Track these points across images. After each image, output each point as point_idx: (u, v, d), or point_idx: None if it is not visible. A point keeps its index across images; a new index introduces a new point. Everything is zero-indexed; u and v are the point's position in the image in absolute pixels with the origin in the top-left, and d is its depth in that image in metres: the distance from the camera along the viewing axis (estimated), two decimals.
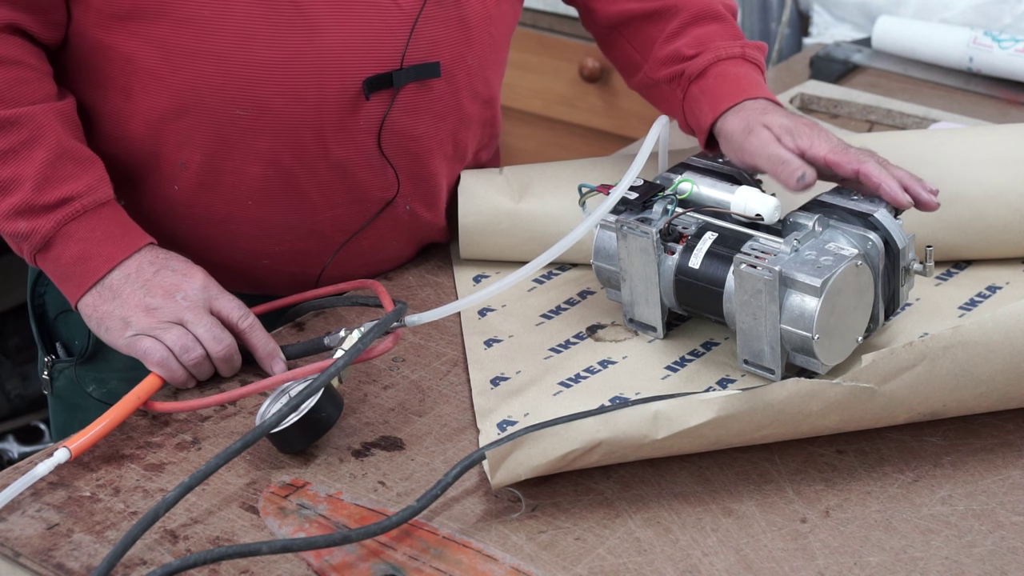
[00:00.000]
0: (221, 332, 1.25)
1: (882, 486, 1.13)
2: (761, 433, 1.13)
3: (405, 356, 1.30)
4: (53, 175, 1.25)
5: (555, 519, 1.10)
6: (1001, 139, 1.47)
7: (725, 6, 1.43)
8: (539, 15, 1.52)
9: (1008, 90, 1.88)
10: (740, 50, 1.38)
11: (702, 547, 1.06)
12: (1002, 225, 1.39)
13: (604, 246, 1.30)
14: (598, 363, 1.28)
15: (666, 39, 1.40)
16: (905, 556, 1.05)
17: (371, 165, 1.35)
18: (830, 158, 1.25)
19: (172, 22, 1.26)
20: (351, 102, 1.31)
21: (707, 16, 1.40)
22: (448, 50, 1.35)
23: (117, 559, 1.03)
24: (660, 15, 1.42)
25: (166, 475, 1.15)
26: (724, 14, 1.42)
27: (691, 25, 1.40)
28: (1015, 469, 1.15)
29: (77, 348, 1.42)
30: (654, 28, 1.42)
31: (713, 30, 1.39)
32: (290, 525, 1.09)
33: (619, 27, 1.46)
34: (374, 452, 1.18)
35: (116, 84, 1.30)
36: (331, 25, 1.28)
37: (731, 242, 1.23)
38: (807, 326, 1.17)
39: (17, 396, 2.61)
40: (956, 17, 1.98)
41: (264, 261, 1.37)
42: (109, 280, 1.26)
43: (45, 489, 1.13)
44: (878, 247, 1.22)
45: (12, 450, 2.47)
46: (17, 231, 1.25)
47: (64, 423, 1.44)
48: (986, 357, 1.13)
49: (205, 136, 1.30)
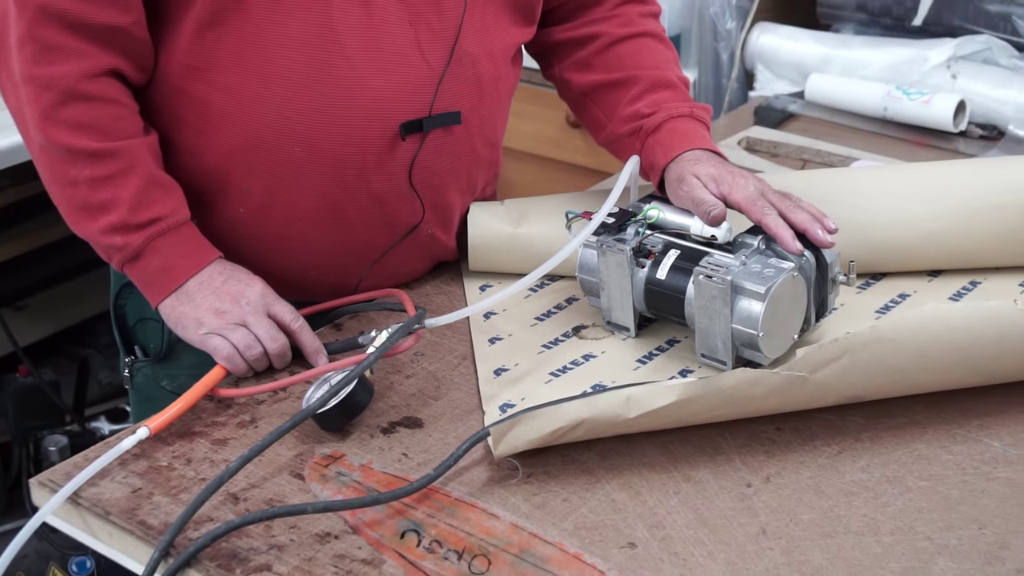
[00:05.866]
0: (277, 332, 1.25)
1: (813, 457, 1.13)
2: (714, 413, 1.13)
3: (424, 351, 1.30)
4: (144, 199, 1.25)
5: (546, 484, 1.09)
6: (910, 174, 1.47)
7: (678, 78, 1.42)
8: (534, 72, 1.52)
9: (916, 134, 1.88)
10: (689, 110, 1.38)
11: (666, 507, 1.06)
12: (910, 245, 1.39)
13: (587, 262, 1.30)
14: (581, 357, 1.28)
15: (628, 102, 1.40)
16: (831, 514, 1.05)
17: (402, 196, 1.35)
18: (743, 205, 1.25)
19: (241, 72, 1.26)
20: (389, 143, 1.31)
21: (662, 84, 1.40)
22: (466, 102, 1.35)
23: (189, 517, 1.03)
24: (623, 84, 1.41)
25: (229, 448, 1.15)
26: (677, 83, 1.41)
27: (649, 91, 1.40)
28: (921, 443, 1.14)
29: (153, 350, 1.42)
30: (618, 94, 1.42)
31: (667, 95, 1.39)
32: (330, 489, 1.09)
33: (589, 94, 1.45)
34: (398, 430, 1.18)
35: (191, 123, 1.29)
36: (374, 79, 1.28)
37: (691, 258, 1.23)
38: (753, 325, 1.17)
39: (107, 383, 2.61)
40: (873, 74, 1.98)
41: (311, 273, 1.36)
42: (186, 287, 1.26)
43: (130, 460, 1.13)
44: (811, 262, 1.22)
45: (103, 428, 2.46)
46: (112, 244, 1.25)
47: (142, 412, 1.44)
48: (897, 351, 1.13)
49: (266, 169, 1.29)
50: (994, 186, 1.40)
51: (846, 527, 1.04)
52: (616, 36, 1.44)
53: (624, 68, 1.42)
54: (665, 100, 1.38)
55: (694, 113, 1.38)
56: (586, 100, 1.46)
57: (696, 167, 1.30)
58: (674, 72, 1.43)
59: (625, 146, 1.40)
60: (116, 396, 2.60)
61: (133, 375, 1.45)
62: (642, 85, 1.40)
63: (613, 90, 1.42)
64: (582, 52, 1.45)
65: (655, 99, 1.39)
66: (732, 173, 1.29)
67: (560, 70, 1.48)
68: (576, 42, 1.46)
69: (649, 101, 1.39)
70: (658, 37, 1.46)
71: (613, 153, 1.45)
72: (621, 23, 1.44)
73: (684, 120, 1.37)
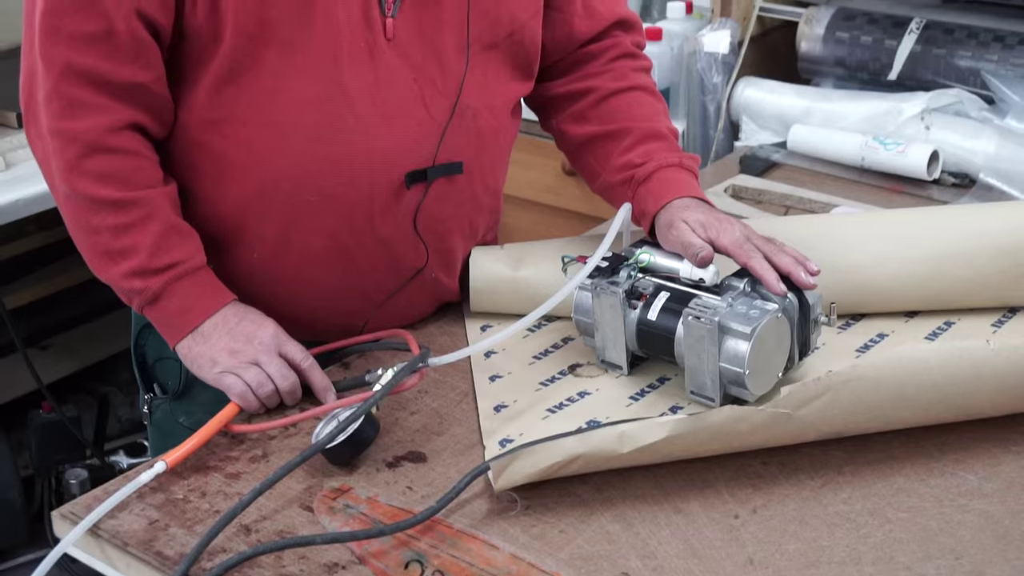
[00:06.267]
0: (287, 371, 1.25)
1: (797, 490, 1.12)
2: (703, 448, 1.13)
3: (428, 389, 1.30)
4: (163, 245, 1.25)
5: (544, 516, 1.09)
6: (887, 221, 1.47)
7: (668, 129, 1.43)
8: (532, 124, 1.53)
9: (892, 182, 1.88)
10: (678, 160, 1.38)
11: (657, 538, 1.06)
12: (888, 288, 1.39)
13: (582, 303, 1.30)
14: (577, 394, 1.27)
15: (620, 153, 1.41)
16: (815, 545, 1.05)
17: (407, 242, 1.35)
18: (730, 249, 1.25)
19: (256, 126, 1.26)
20: (395, 191, 1.31)
21: (653, 136, 1.41)
22: (468, 152, 1.35)
23: (203, 548, 1.03)
24: (616, 135, 1.42)
25: (242, 482, 1.15)
26: (667, 134, 1.42)
27: (640, 143, 1.40)
28: (900, 476, 1.14)
29: (170, 388, 1.41)
30: (611, 145, 1.42)
31: (657, 146, 1.40)
32: (338, 521, 1.09)
33: (585, 144, 1.45)
34: (403, 464, 1.17)
35: (208, 173, 1.29)
36: (381, 132, 1.28)
37: (680, 300, 1.23)
38: (740, 364, 1.17)
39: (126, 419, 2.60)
40: (851, 125, 1.99)
41: (320, 314, 1.36)
42: (202, 328, 1.26)
43: (147, 493, 1.13)
44: (794, 303, 1.22)
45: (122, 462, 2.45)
46: (132, 288, 1.25)
47: (160, 447, 1.43)
48: (876, 389, 1.13)
49: (280, 216, 1.29)
50: (966, 232, 1.40)
51: (829, 557, 1.03)
52: (609, 90, 1.44)
53: (617, 120, 1.43)
54: (655, 151, 1.39)
55: (683, 163, 1.39)
56: (582, 150, 1.46)
57: (685, 213, 1.30)
58: (664, 124, 1.44)
59: (618, 194, 1.41)
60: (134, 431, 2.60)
61: (152, 411, 1.45)
62: (633, 137, 1.41)
63: (606, 141, 1.43)
64: (578, 105, 1.46)
65: (646, 150, 1.39)
66: (719, 219, 1.29)
67: (557, 122, 1.49)
68: (572, 96, 1.46)
69: (640, 152, 1.39)
70: (649, 90, 1.47)
71: (607, 200, 1.46)
72: (614, 77, 1.45)
73: (673, 170, 1.37)
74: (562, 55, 1.46)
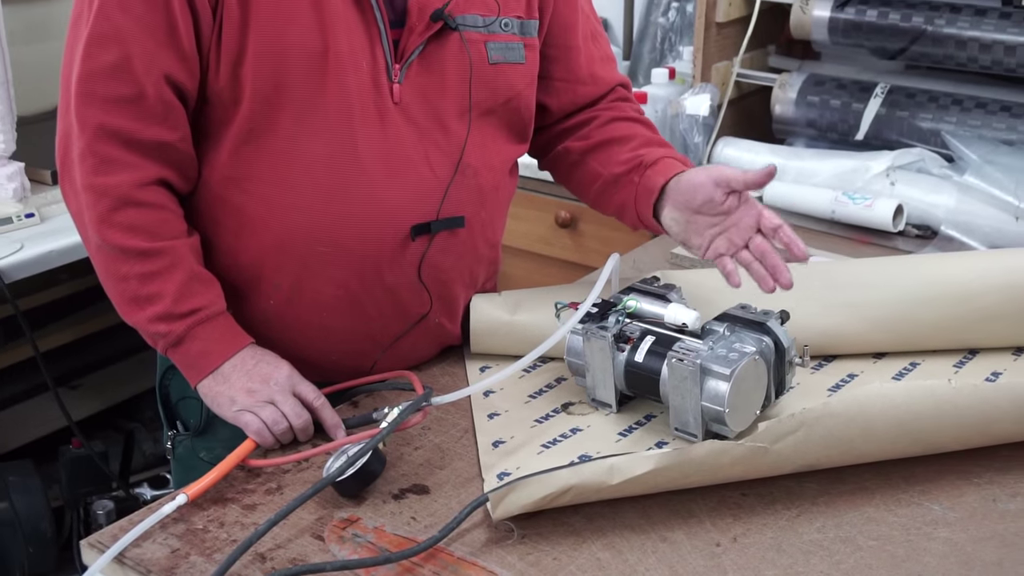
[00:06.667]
0: (301, 409, 1.25)
1: (774, 519, 1.12)
2: (687, 480, 1.13)
3: (431, 426, 1.30)
4: (186, 292, 1.25)
5: (538, 544, 1.09)
6: (856, 269, 1.48)
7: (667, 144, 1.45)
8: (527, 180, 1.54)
9: (860, 233, 1.89)
10: (682, 158, 1.40)
11: (645, 564, 1.05)
12: (857, 331, 1.40)
13: (574, 346, 1.30)
14: (569, 430, 1.27)
15: (626, 152, 1.42)
16: (792, 571, 1.04)
17: (413, 290, 1.35)
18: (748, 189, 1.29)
19: (273, 183, 1.26)
20: (401, 243, 1.31)
21: (654, 142, 1.43)
22: (469, 208, 1.36)
23: (222, 575, 1.02)
24: (620, 141, 1.43)
25: (257, 513, 1.15)
26: (667, 143, 1.44)
27: (644, 145, 1.42)
28: (870, 507, 1.14)
29: (192, 425, 1.41)
30: (616, 147, 1.43)
31: (659, 149, 1.41)
32: (347, 549, 1.08)
33: (588, 152, 1.45)
34: (408, 496, 1.17)
35: (229, 226, 1.30)
36: (388, 188, 1.29)
37: (665, 343, 1.24)
38: (720, 403, 1.17)
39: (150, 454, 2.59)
40: (822, 182, 2.00)
41: (332, 357, 1.36)
42: (222, 369, 1.26)
43: (170, 523, 1.12)
44: (770, 346, 1.23)
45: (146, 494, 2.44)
46: (157, 331, 1.25)
47: (182, 480, 1.43)
48: (847, 425, 1.13)
49: (294, 266, 1.30)
50: (929, 279, 1.41)
51: None
52: (610, 117, 1.46)
53: (619, 132, 1.44)
54: (659, 151, 1.41)
55: (686, 160, 1.41)
56: (584, 158, 1.46)
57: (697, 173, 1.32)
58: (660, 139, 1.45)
59: (622, 184, 1.41)
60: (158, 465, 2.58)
61: (175, 447, 1.44)
62: (638, 141, 1.43)
63: (610, 146, 1.44)
64: (581, 130, 1.47)
65: (650, 149, 1.41)
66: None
67: (561, 148, 1.49)
68: (575, 126, 1.48)
69: (645, 151, 1.41)
70: (647, 124, 1.48)
71: (606, 202, 1.45)
72: (613, 111, 1.47)
73: (678, 163, 1.39)
74: (565, 116, 1.48)
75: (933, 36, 2.00)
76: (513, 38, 1.36)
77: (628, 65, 2.60)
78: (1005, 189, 1.81)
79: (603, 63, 1.48)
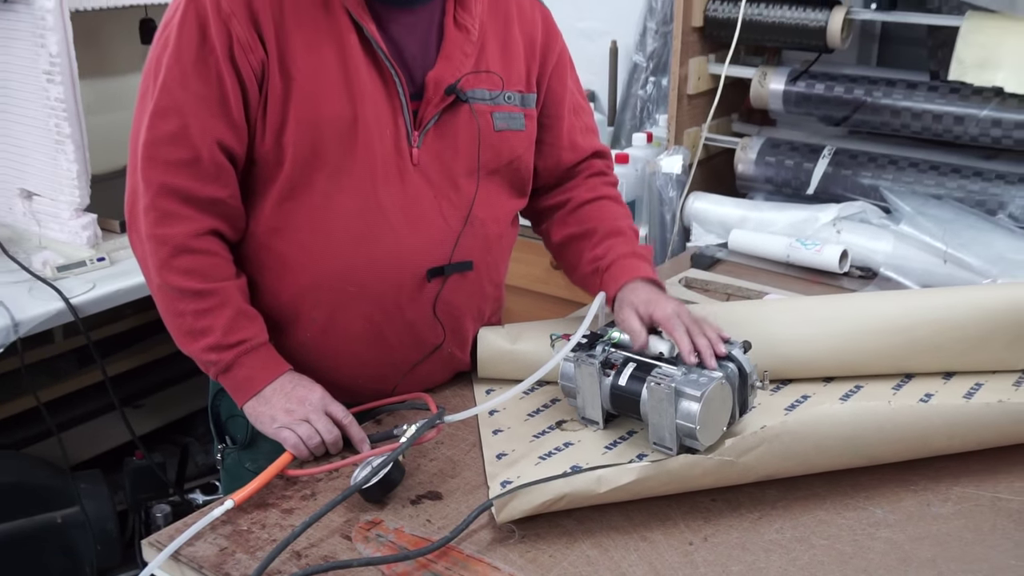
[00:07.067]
0: (332, 427, 1.25)
1: (739, 521, 1.12)
2: (664, 488, 1.13)
3: (443, 440, 1.30)
4: (234, 326, 1.25)
5: (536, 543, 1.09)
6: (808, 305, 1.49)
7: (629, 227, 1.45)
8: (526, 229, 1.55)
9: (811, 274, 1.89)
10: (631, 251, 1.40)
11: (628, 561, 1.06)
12: (809, 358, 1.40)
13: (567, 372, 1.31)
14: (563, 444, 1.27)
15: (589, 249, 1.43)
16: (755, 567, 1.05)
17: (428, 323, 1.35)
18: (662, 322, 1.27)
19: (310, 233, 1.27)
20: (419, 284, 1.32)
21: (615, 233, 1.43)
22: (476, 254, 1.37)
23: (263, 570, 1.03)
24: (587, 234, 1.44)
25: (294, 516, 1.15)
26: (626, 230, 1.44)
27: (604, 239, 1.42)
28: (821, 510, 1.14)
29: (239, 440, 1.41)
30: (583, 243, 1.44)
31: (616, 241, 1.42)
32: (371, 547, 1.09)
33: (565, 244, 1.47)
34: (424, 501, 1.17)
35: (272, 269, 1.30)
36: (408, 237, 1.29)
37: (644, 369, 1.24)
38: (692, 421, 1.17)
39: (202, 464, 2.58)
40: (779, 230, 2.00)
41: (359, 381, 1.36)
42: (264, 392, 1.26)
43: (219, 525, 1.13)
44: (735, 372, 1.23)
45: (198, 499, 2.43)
46: (209, 360, 1.26)
47: (230, 487, 1.43)
48: (801, 440, 1.14)
49: (328, 303, 1.30)
50: (870, 314, 1.42)
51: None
52: (583, 199, 1.47)
53: (588, 223, 1.45)
54: (615, 244, 1.41)
55: (636, 252, 1.41)
56: (562, 249, 1.48)
57: (632, 295, 1.32)
58: (625, 223, 1.45)
59: (590, 283, 1.43)
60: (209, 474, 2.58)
61: (224, 458, 1.44)
62: (599, 235, 1.43)
63: (580, 240, 1.45)
64: (559, 213, 1.48)
65: (608, 244, 1.41)
66: (658, 297, 1.31)
67: (546, 227, 1.51)
68: (556, 206, 1.49)
69: (604, 247, 1.41)
70: (614, 199, 1.49)
71: (582, 288, 1.47)
72: (587, 190, 1.48)
73: (628, 258, 1.39)
74: (551, 177, 1.49)
75: (872, 106, 2.02)
76: (515, 109, 1.38)
77: (612, 130, 2.61)
78: (934, 236, 1.82)
79: (583, 133, 1.49)
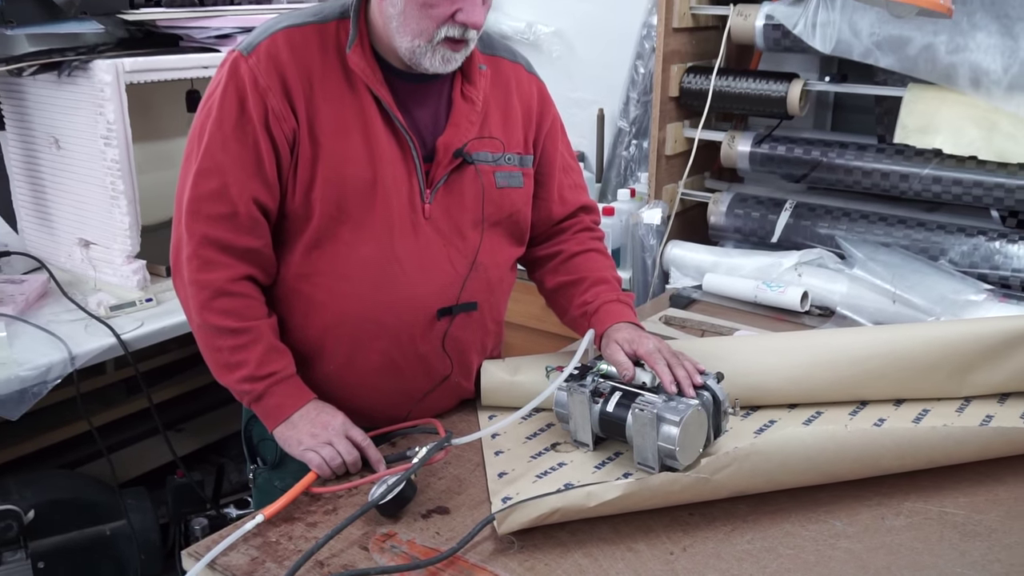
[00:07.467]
0: (352, 448, 1.24)
1: (714, 533, 1.11)
2: (648, 503, 1.12)
3: (451, 461, 1.29)
4: (266, 360, 1.25)
5: (534, 553, 1.08)
6: (773, 340, 1.48)
7: (613, 276, 1.44)
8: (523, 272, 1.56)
9: (776, 313, 1.89)
10: (616, 297, 1.40)
11: (615, 569, 1.04)
12: (775, 387, 1.39)
13: (561, 399, 1.30)
14: (557, 464, 1.26)
15: (578, 295, 1.42)
16: (729, 573, 1.04)
17: (438, 357, 1.35)
18: (644, 357, 1.27)
19: (334, 277, 1.27)
20: (429, 323, 1.32)
21: (600, 281, 1.42)
22: (480, 295, 1.36)
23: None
24: (576, 283, 1.44)
25: (318, 529, 1.14)
26: (610, 279, 1.43)
27: (592, 287, 1.42)
28: (787, 523, 1.13)
29: (269, 460, 1.40)
30: (573, 290, 1.44)
31: (602, 288, 1.41)
32: (386, 557, 1.07)
33: (556, 291, 1.47)
34: (433, 515, 1.16)
35: (300, 309, 1.30)
36: (420, 282, 1.29)
37: (629, 397, 1.24)
38: (672, 443, 1.17)
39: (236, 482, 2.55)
40: (747, 274, 2.00)
41: (376, 408, 1.35)
42: (291, 418, 1.25)
43: (251, 537, 1.12)
44: (709, 400, 1.23)
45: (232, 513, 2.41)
46: (243, 390, 1.25)
47: (260, 503, 1.41)
48: (769, 460, 1.13)
49: (349, 339, 1.30)
50: (828, 347, 1.41)
51: None
52: (573, 251, 1.47)
53: (576, 272, 1.44)
54: (601, 292, 1.41)
55: (620, 298, 1.40)
56: (554, 295, 1.48)
57: (617, 334, 1.32)
58: (610, 273, 1.45)
59: (579, 324, 1.42)
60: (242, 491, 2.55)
61: (255, 477, 1.43)
62: (587, 283, 1.43)
63: (569, 288, 1.44)
64: (552, 263, 1.48)
65: (595, 291, 1.41)
66: (641, 335, 1.30)
67: (539, 275, 1.50)
68: (548, 256, 1.49)
69: (591, 293, 1.41)
70: (601, 252, 1.49)
71: (572, 329, 1.47)
72: (576, 243, 1.48)
73: (613, 304, 1.39)
74: (543, 229, 1.49)
75: (827, 165, 2.02)
76: (515, 168, 1.38)
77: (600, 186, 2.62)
78: (884, 280, 1.82)
79: (571, 189, 1.49)
